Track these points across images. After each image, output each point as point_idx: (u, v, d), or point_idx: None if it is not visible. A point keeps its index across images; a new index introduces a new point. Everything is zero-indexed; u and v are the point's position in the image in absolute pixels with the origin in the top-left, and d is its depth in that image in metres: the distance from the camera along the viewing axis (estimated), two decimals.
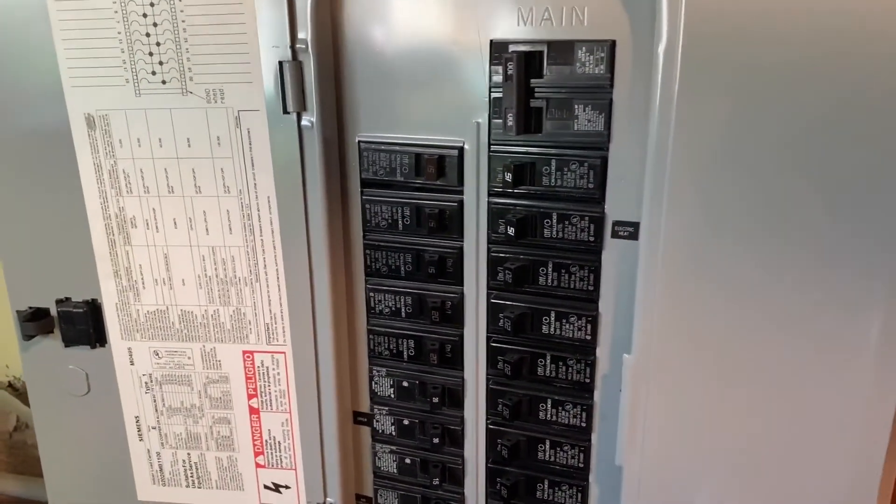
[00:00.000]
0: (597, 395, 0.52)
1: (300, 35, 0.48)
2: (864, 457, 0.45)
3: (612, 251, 0.48)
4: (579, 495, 0.54)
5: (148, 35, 0.49)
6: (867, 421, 0.44)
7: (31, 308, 0.58)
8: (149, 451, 0.61)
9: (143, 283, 0.56)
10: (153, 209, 0.54)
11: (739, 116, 0.41)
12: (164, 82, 0.51)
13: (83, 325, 0.57)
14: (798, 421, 0.45)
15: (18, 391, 1.04)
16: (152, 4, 0.49)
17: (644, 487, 0.49)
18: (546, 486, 0.55)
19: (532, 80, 0.46)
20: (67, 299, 0.57)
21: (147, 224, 0.54)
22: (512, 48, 0.46)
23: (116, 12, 0.49)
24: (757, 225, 0.42)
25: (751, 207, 0.42)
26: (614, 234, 0.48)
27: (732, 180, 0.42)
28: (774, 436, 0.46)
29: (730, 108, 0.41)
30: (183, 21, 0.49)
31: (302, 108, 0.49)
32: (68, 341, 0.58)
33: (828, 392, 0.44)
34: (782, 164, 0.41)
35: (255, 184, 0.52)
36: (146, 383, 0.59)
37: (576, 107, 0.46)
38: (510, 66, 0.45)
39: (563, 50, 0.45)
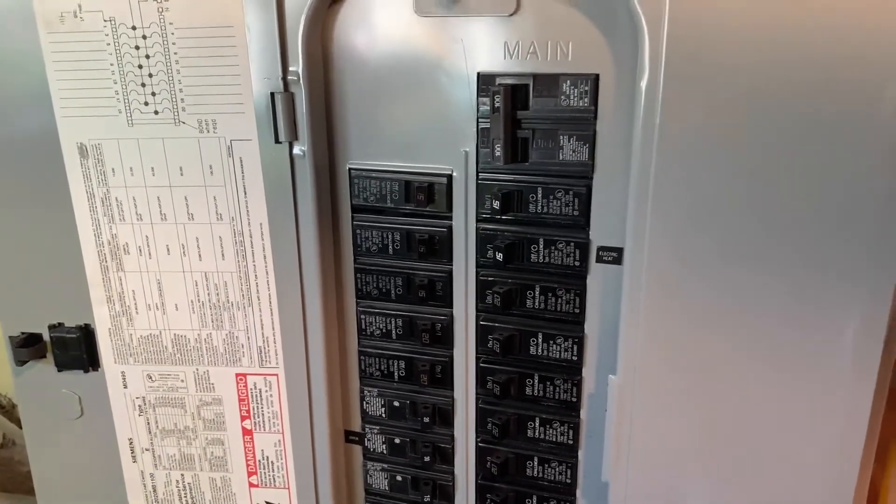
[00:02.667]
0: (583, 413, 0.53)
1: (291, 67, 0.49)
2: (840, 470, 0.47)
3: (597, 275, 0.50)
4: None
5: (140, 67, 0.50)
6: (843, 436, 0.46)
7: (23, 333, 0.58)
8: (142, 472, 0.62)
9: (136, 309, 0.57)
10: (146, 236, 0.55)
11: (720, 148, 0.42)
12: (156, 112, 0.51)
13: (76, 350, 0.58)
14: (780, 437, 0.47)
15: (4, 408, 1.04)
16: (144, 37, 0.49)
17: (630, 503, 0.51)
18: (534, 501, 0.56)
19: (518, 112, 0.47)
20: (60, 325, 0.58)
21: (140, 250, 0.55)
22: (499, 81, 0.47)
23: (109, 44, 0.50)
24: (737, 251, 0.44)
25: (730, 235, 0.44)
26: (599, 259, 0.49)
27: (712, 209, 0.44)
28: (758, 452, 0.48)
29: (710, 140, 0.42)
30: (175, 53, 0.50)
31: (294, 137, 0.50)
32: (61, 366, 0.59)
33: (808, 409, 0.46)
34: (761, 195, 0.43)
35: (247, 211, 0.53)
36: (139, 406, 0.60)
37: (561, 138, 0.47)
38: (497, 99, 0.47)
39: (548, 83, 0.46)
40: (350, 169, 0.52)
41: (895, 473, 0.63)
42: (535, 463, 0.55)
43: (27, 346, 0.58)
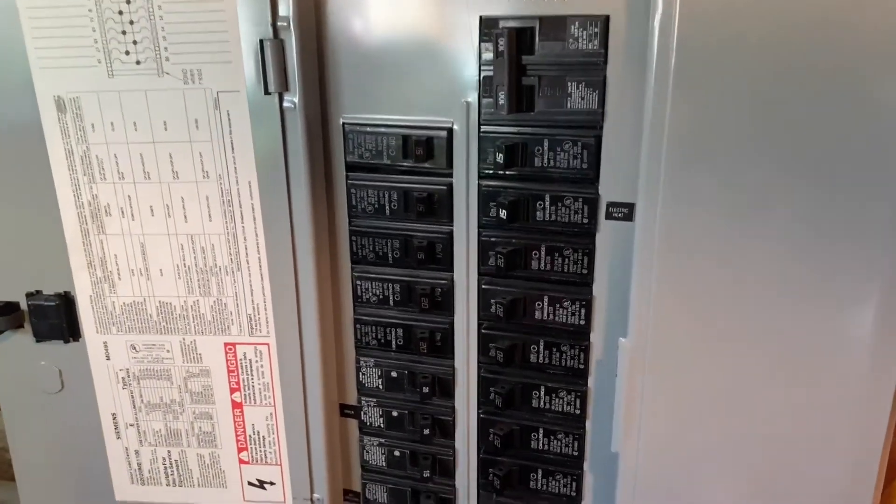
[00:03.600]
0: (591, 381, 0.51)
1: (281, 12, 0.46)
2: (863, 440, 0.44)
3: (607, 233, 0.47)
4: (574, 484, 0.53)
5: (121, 13, 0.47)
6: (868, 403, 0.44)
7: None
8: (126, 449, 0.59)
9: (118, 274, 0.54)
10: (128, 196, 0.52)
11: (740, 92, 0.40)
12: (138, 63, 0.48)
13: (55, 319, 0.55)
14: (801, 404, 0.45)
15: None
16: None
17: (641, 474, 0.48)
18: (539, 475, 0.54)
19: (523, 57, 0.44)
20: (38, 292, 0.55)
21: (122, 212, 0.52)
22: (502, 24, 0.44)
23: None
24: (757, 204, 0.41)
25: (751, 188, 0.41)
26: (609, 216, 0.47)
27: (732, 158, 0.41)
28: (777, 420, 0.45)
29: (730, 83, 0.40)
30: None
31: (284, 88, 0.48)
32: (40, 336, 0.56)
33: (831, 374, 0.44)
34: (785, 144, 0.40)
35: (235, 168, 0.50)
36: (123, 378, 0.57)
37: (569, 84, 0.44)
38: (501, 43, 0.44)
39: (555, 25, 0.44)
40: (344, 123, 0.50)
41: None
42: (540, 435, 0.53)
43: (3, 316, 0.55)
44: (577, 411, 0.51)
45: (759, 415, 0.45)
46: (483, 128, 0.47)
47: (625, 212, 0.46)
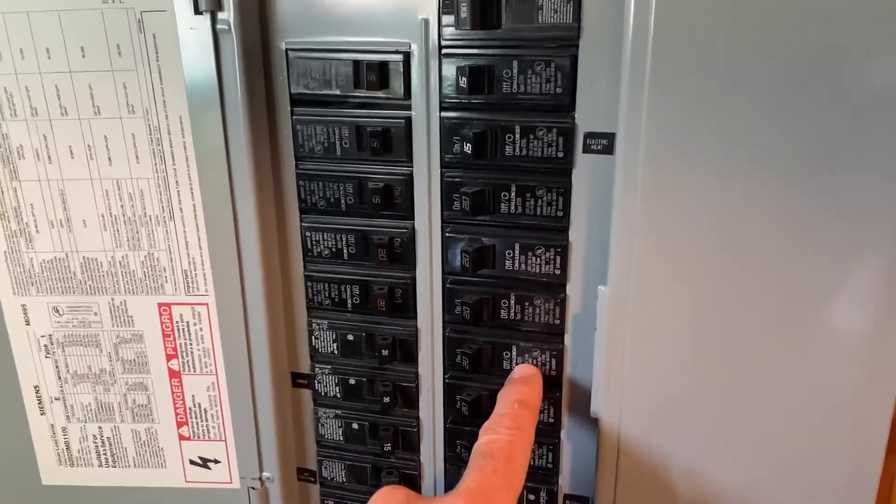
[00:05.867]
0: (567, 338, 0.45)
1: None
2: (867, 396, 0.40)
3: (584, 168, 0.42)
4: (550, 455, 0.48)
5: None
6: (874, 352, 0.39)
7: None
8: (52, 426, 0.53)
9: (36, 227, 0.48)
10: (44, 136, 0.45)
11: (737, 4, 0.35)
12: None
13: None
14: (802, 359, 0.40)
15: None
16: None
17: (624, 441, 0.43)
18: None
19: None
20: None
21: (37, 154, 0.46)
22: None
23: None
24: (751, 133, 0.36)
25: (747, 114, 0.36)
26: (586, 149, 0.41)
27: (727, 80, 0.36)
28: (770, 376, 0.40)
29: None
30: None
31: (217, 6, 0.42)
32: None
33: (831, 325, 0.39)
34: (790, 67, 0.35)
35: (164, 101, 0.44)
36: (45, 346, 0.50)
37: None
38: None
39: None
40: (287, 48, 0.44)
41: None
42: None
43: None
44: (554, 372, 0.46)
45: (752, 372, 0.40)
46: (444, 49, 0.41)
47: (604, 143, 0.41)
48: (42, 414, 0.52)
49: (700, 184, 0.38)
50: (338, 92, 0.44)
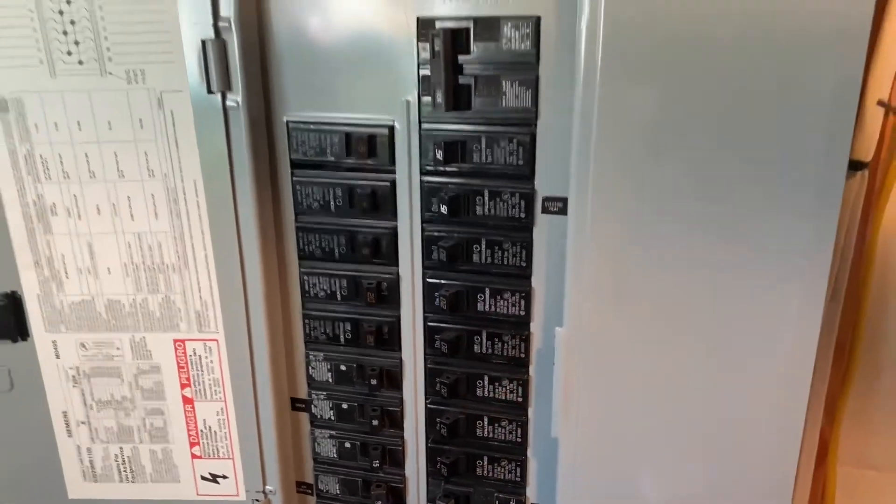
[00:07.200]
0: (532, 369, 0.52)
1: (223, 12, 0.47)
2: (786, 424, 0.47)
3: (543, 226, 0.49)
4: (518, 470, 0.55)
5: (61, 13, 0.48)
6: (789, 390, 0.46)
7: None
8: (79, 447, 0.59)
9: (66, 273, 0.54)
10: (74, 195, 0.52)
11: (662, 91, 0.42)
12: (80, 63, 0.49)
13: (3, 319, 0.55)
14: (726, 388, 0.47)
15: None
16: None
17: (580, 459, 0.50)
18: (485, 462, 0.55)
19: (460, 57, 0.46)
20: None
21: (68, 211, 0.52)
22: (439, 24, 0.46)
23: None
24: (681, 197, 0.43)
25: (675, 180, 0.43)
26: (544, 210, 0.48)
27: (657, 154, 0.43)
28: (704, 403, 0.47)
29: (652, 82, 0.42)
30: None
31: (227, 87, 0.48)
32: None
33: (754, 360, 0.46)
34: (706, 138, 0.42)
35: (180, 167, 0.51)
36: (73, 377, 0.57)
37: (503, 83, 0.46)
38: (437, 43, 0.45)
39: (489, 26, 0.45)
40: (288, 121, 0.50)
41: (844, 427, 0.63)
42: (486, 423, 0.54)
43: None
44: (520, 399, 0.53)
45: (687, 399, 0.47)
46: (423, 125, 0.48)
47: (559, 206, 0.48)
48: (69, 436, 0.59)
49: (638, 239, 0.45)
50: (332, 159, 0.51)
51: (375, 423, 0.56)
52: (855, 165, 0.52)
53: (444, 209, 0.49)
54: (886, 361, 0.62)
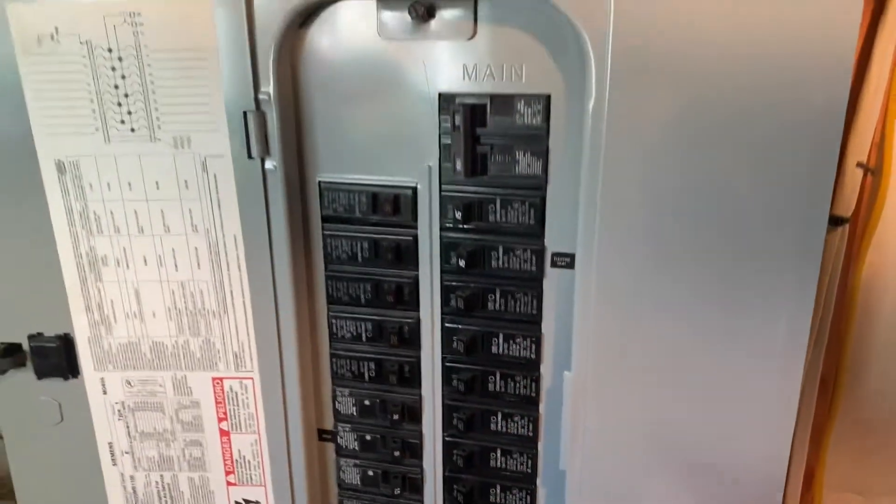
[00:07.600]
0: (542, 407, 0.57)
1: (263, 87, 0.52)
2: (773, 453, 0.52)
3: (553, 279, 0.54)
4: (528, 498, 0.60)
5: (116, 87, 0.52)
6: (778, 423, 0.51)
7: (3, 344, 0.60)
8: (122, 474, 0.64)
9: (114, 318, 0.59)
10: (123, 248, 0.57)
11: (662, 164, 0.47)
12: (132, 130, 0.54)
13: (56, 358, 0.60)
14: (718, 426, 0.52)
15: None
16: (120, 59, 0.52)
17: (586, 489, 0.55)
18: (498, 490, 0.60)
19: (478, 129, 0.51)
20: (40, 334, 0.60)
21: (118, 262, 0.57)
22: (459, 100, 0.51)
23: (86, 66, 0.52)
24: (677, 254, 0.48)
25: (671, 239, 0.48)
26: (553, 264, 0.53)
27: (656, 218, 0.48)
28: (698, 439, 0.52)
29: (653, 156, 0.46)
30: (150, 74, 0.52)
31: (265, 153, 0.53)
32: (41, 374, 0.61)
33: (746, 399, 0.51)
34: (699, 201, 0.47)
35: (221, 223, 0.56)
36: (119, 411, 0.62)
37: (517, 153, 0.51)
38: (457, 117, 0.50)
39: (504, 103, 0.50)
40: (320, 182, 0.55)
41: (829, 454, 0.68)
42: (499, 455, 0.59)
43: (7, 356, 0.59)
44: (530, 434, 0.58)
45: (682, 436, 0.52)
46: (444, 188, 0.53)
47: (567, 261, 0.53)
48: (114, 465, 0.64)
49: (640, 294, 0.50)
50: (360, 215, 0.56)
51: (396, 453, 0.61)
52: (836, 221, 0.57)
53: (461, 262, 0.54)
54: (869, 392, 0.67)
